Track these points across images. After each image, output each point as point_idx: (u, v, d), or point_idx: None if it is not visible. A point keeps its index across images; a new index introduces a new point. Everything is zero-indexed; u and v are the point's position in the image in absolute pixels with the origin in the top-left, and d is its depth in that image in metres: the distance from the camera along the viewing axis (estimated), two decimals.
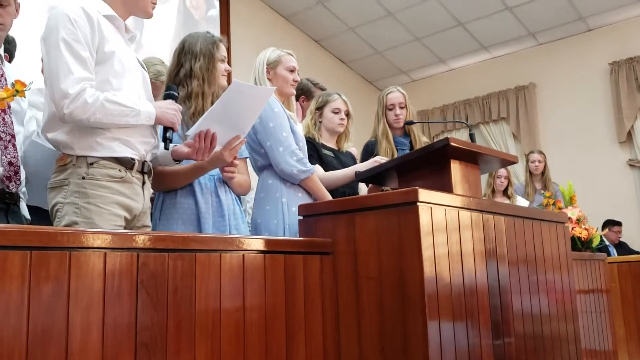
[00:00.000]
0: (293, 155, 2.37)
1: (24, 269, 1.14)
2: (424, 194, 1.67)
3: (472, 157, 2.11)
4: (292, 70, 2.57)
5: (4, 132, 1.90)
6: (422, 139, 3.21)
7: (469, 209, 1.86)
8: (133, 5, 1.92)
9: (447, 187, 2.00)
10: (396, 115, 3.12)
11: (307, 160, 2.44)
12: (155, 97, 2.08)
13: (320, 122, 2.87)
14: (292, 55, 2.60)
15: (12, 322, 1.11)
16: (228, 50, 2.44)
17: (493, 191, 4.80)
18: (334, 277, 1.78)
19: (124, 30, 1.91)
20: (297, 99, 3.07)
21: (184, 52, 2.21)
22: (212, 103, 2.17)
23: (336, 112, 2.85)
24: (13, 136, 1.93)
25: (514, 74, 7.01)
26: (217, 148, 2.00)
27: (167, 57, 3.12)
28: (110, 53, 1.76)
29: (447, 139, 1.93)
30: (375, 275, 1.71)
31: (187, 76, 2.17)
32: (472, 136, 3.11)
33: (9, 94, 1.29)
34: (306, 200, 2.37)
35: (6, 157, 1.89)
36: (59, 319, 1.18)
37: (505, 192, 4.78)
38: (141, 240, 1.34)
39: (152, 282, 1.34)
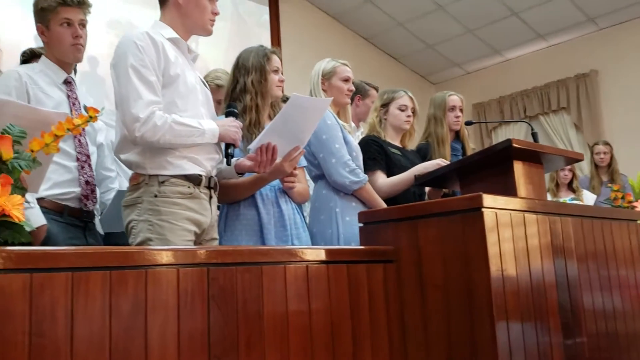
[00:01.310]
0: (345, 167, 2.41)
1: (105, 289, 1.21)
2: (488, 200, 1.65)
3: (535, 157, 2.07)
4: (346, 80, 2.60)
5: (80, 153, 2.01)
6: (470, 146, 3.17)
7: (534, 212, 1.82)
8: (193, 25, 1.99)
9: (510, 189, 1.97)
10: (456, 117, 3.08)
11: (360, 170, 2.47)
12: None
13: (385, 119, 2.85)
14: (346, 65, 2.63)
15: (96, 340, 1.18)
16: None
17: (557, 185, 4.65)
18: (399, 285, 1.78)
19: (187, 52, 1.99)
20: (352, 99, 3.07)
21: (238, 68, 2.27)
22: (270, 114, 2.22)
23: (403, 109, 2.83)
24: (88, 156, 2.04)
25: (574, 62, 6.76)
26: (277, 159, 2.04)
27: (221, 63, 3.20)
28: (175, 76, 1.84)
29: (509, 140, 1.89)
30: (441, 283, 1.70)
31: (242, 91, 2.22)
32: (534, 135, 3.04)
33: (83, 120, 1.36)
34: (360, 209, 2.39)
35: (83, 176, 2.00)
36: (138, 335, 1.24)
37: (570, 186, 4.62)
38: (210, 255, 1.39)
39: (222, 296, 1.38)
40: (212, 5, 2.00)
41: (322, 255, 1.62)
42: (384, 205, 2.47)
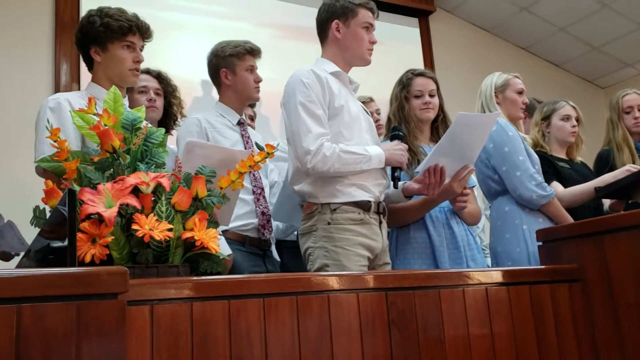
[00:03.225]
0: (532, 180, 2.29)
1: (292, 313, 1.27)
2: None
3: None
4: (520, 93, 2.52)
5: (255, 186, 2.17)
6: None
7: None
8: (352, 57, 2.08)
9: None
10: (635, 118, 2.82)
11: (546, 184, 2.34)
12: None
13: (548, 132, 2.70)
14: (518, 77, 2.55)
15: None
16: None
17: None
18: (586, 305, 1.66)
19: (348, 83, 2.08)
20: None
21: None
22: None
23: (566, 119, 2.67)
24: (262, 189, 2.19)
25: None
26: (446, 180, 2.02)
27: (376, 89, 3.26)
28: (339, 107, 1.93)
29: None
30: (635, 301, 1.55)
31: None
32: None
33: (262, 157, 1.47)
34: (547, 225, 2.25)
35: (259, 207, 2.16)
36: (326, 357, 1.28)
37: None
38: (387, 280, 1.41)
39: (401, 320, 1.39)
40: (369, 35, 2.07)
41: (501, 277, 1.56)
42: (571, 220, 2.31)
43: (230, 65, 2.38)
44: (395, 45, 5.14)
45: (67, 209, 0.99)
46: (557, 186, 2.47)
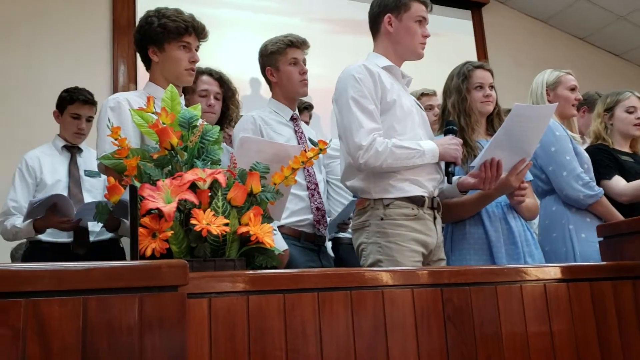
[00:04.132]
0: (578, 180, 2.27)
1: (347, 308, 1.28)
2: None
3: None
4: (573, 89, 2.46)
5: (310, 182, 2.18)
6: None
7: None
8: (404, 51, 2.06)
9: None
10: None
11: (594, 183, 2.30)
12: None
13: (611, 124, 2.61)
14: (571, 74, 2.49)
15: (343, 357, 1.24)
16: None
17: None
18: None
19: (400, 77, 2.06)
20: (577, 110, 2.87)
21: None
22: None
23: (630, 111, 2.57)
24: (317, 185, 2.21)
25: None
26: (503, 174, 1.98)
27: (428, 82, 3.22)
28: (392, 102, 1.91)
29: None
30: None
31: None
32: None
33: (315, 153, 1.47)
34: (596, 224, 2.18)
35: (314, 204, 2.17)
36: (381, 353, 1.28)
37: None
38: (442, 275, 1.39)
39: (457, 316, 1.37)
40: (422, 29, 2.04)
41: (560, 274, 1.52)
42: (621, 218, 2.25)
43: (273, 62, 2.40)
44: (448, 37, 5.05)
45: (129, 205, 1.02)
46: (619, 180, 2.39)
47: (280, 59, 2.38)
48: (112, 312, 0.88)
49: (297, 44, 2.39)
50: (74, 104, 2.63)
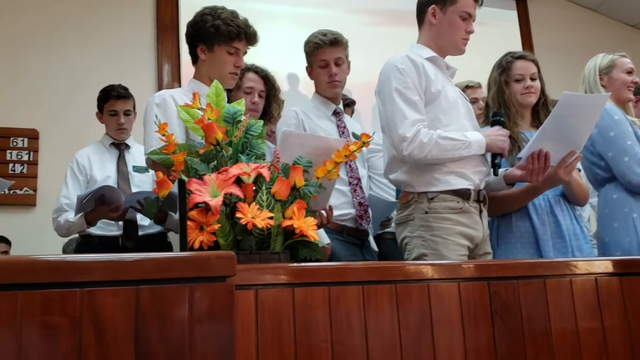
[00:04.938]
0: None
1: (392, 301, 1.27)
2: None
3: None
4: (629, 72, 2.36)
5: (352, 177, 2.18)
6: None
7: None
8: (445, 45, 2.03)
9: None
10: None
11: None
12: None
13: None
14: (625, 56, 2.39)
15: (389, 350, 1.24)
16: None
17: None
18: None
19: (445, 68, 2.03)
20: None
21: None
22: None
23: None
24: (359, 179, 2.20)
25: None
26: (551, 166, 1.94)
27: (474, 74, 3.15)
28: (436, 92, 1.88)
29: None
30: None
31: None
32: None
33: (358, 146, 1.47)
34: None
35: (356, 198, 2.17)
36: (427, 347, 1.27)
37: None
38: (490, 269, 1.37)
39: (505, 310, 1.35)
40: (467, 25, 2.00)
41: (612, 267, 1.48)
42: None
43: (309, 61, 2.44)
44: (493, 28, 4.94)
45: (178, 198, 1.04)
46: None
47: (312, 60, 2.40)
48: (164, 302, 0.90)
49: (326, 44, 2.35)
50: (108, 102, 2.70)
